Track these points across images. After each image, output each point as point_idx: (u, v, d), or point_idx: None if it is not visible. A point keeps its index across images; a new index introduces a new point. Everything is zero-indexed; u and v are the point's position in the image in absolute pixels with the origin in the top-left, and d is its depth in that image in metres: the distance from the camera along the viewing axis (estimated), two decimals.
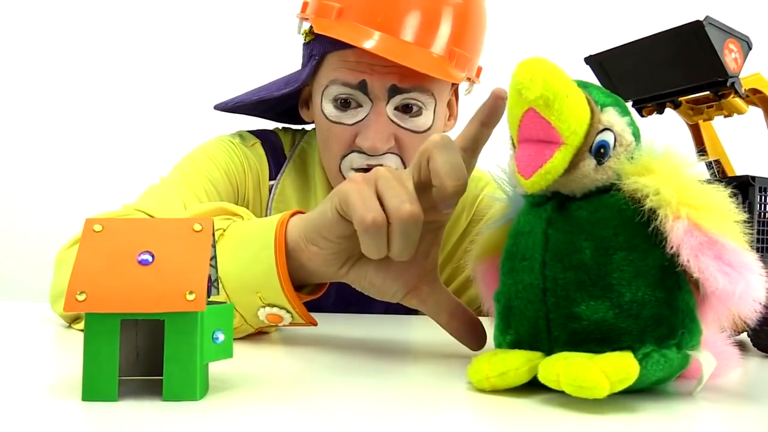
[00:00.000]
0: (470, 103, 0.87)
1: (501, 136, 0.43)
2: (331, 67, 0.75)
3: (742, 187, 0.53)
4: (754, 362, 0.53)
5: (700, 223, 0.36)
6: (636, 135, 0.41)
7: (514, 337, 0.41)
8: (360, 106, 0.74)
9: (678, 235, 0.36)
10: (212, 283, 0.43)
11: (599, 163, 0.39)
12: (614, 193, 0.40)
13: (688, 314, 0.38)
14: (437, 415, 0.35)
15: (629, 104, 0.58)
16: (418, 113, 0.74)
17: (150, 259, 0.37)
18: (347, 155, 0.76)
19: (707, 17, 0.48)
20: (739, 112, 0.54)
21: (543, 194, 0.41)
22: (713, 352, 0.40)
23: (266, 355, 0.52)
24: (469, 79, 0.80)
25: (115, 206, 0.79)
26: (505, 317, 0.42)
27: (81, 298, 0.35)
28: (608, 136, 0.40)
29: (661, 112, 0.57)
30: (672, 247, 0.36)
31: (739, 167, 0.60)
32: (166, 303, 0.35)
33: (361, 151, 0.75)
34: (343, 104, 0.74)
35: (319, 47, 0.76)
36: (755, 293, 0.36)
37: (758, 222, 0.53)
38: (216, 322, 0.38)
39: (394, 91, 0.73)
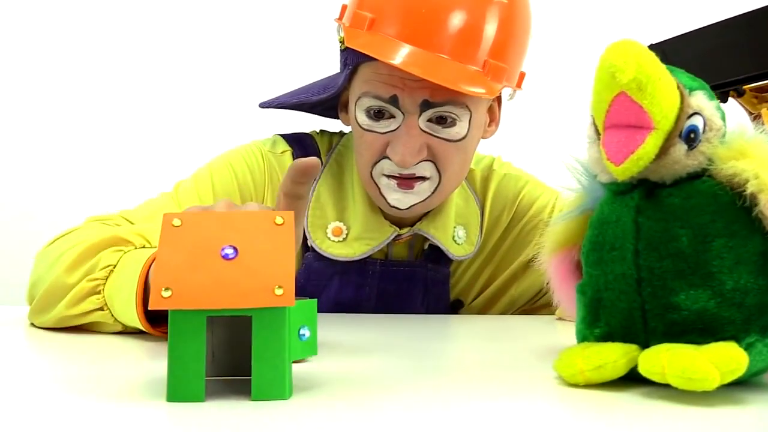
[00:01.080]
0: (512, 108, 0.86)
1: (562, 128, 0.42)
2: (363, 78, 0.74)
3: None
4: None
5: None
6: (723, 119, 0.40)
7: (605, 330, 0.40)
8: (392, 117, 0.73)
9: None
10: None
11: (690, 148, 0.38)
12: (706, 179, 0.38)
13: None
14: (532, 409, 0.34)
15: None
16: (452, 124, 0.73)
17: (233, 253, 0.36)
18: (378, 161, 0.75)
19: None
20: None
21: (628, 182, 0.40)
22: None
23: (341, 353, 0.51)
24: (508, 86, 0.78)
25: (110, 210, 0.78)
26: (594, 309, 0.41)
27: (166, 294, 0.34)
28: (698, 121, 0.38)
29: (725, 100, 0.55)
30: None
31: None
32: (255, 298, 0.34)
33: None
34: (377, 115, 0.74)
35: (353, 57, 0.74)
36: None
37: None
38: (302, 318, 0.37)
39: (426, 105, 0.71)
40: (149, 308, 0.34)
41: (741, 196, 0.37)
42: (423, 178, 0.74)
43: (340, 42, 0.77)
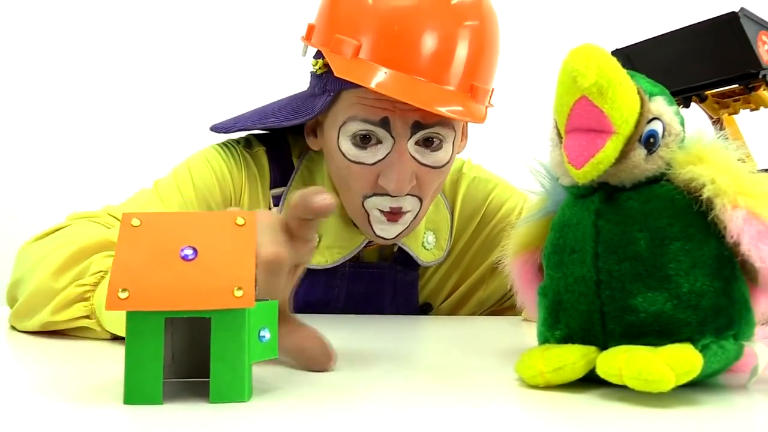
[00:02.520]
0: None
1: (528, 132, 0.42)
2: (347, 102, 0.72)
3: None
4: None
5: (758, 212, 0.36)
6: (683, 125, 0.41)
7: (565, 332, 0.40)
8: (380, 142, 0.71)
9: (738, 224, 0.36)
10: None
11: (649, 152, 0.39)
12: (664, 183, 0.39)
13: (744, 305, 0.38)
14: (492, 411, 0.34)
15: None
16: (439, 147, 0.72)
17: (193, 254, 0.35)
18: (371, 197, 0.74)
19: (742, 9, 0.48)
20: (767, 106, 0.54)
21: (589, 185, 0.40)
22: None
23: None
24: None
25: (96, 208, 0.77)
26: (554, 311, 0.41)
27: (123, 295, 0.33)
28: (657, 126, 0.39)
29: (687, 105, 0.56)
30: (732, 237, 0.36)
31: (760, 162, 0.60)
32: (214, 300, 0.34)
33: (383, 194, 0.73)
34: (363, 140, 0.72)
35: (335, 83, 0.72)
36: None
37: None
38: (262, 320, 0.36)
39: (417, 127, 0.70)
40: (106, 309, 0.33)
41: (698, 200, 0.37)
42: (407, 212, 0.74)
43: (317, 67, 0.76)
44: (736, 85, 0.53)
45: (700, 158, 0.38)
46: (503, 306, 0.90)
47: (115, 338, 0.56)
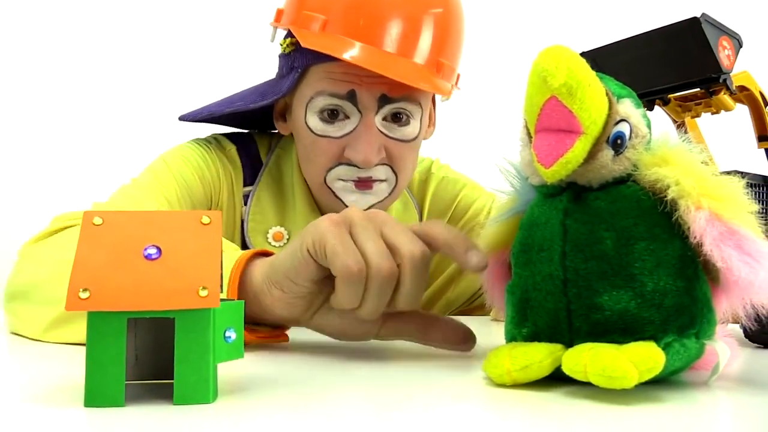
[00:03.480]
0: (449, 110, 0.86)
1: (499, 132, 0.43)
2: (315, 78, 0.72)
3: None
4: (747, 353, 0.54)
5: (720, 213, 0.37)
6: (649, 127, 0.41)
7: (532, 330, 0.40)
8: (347, 117, 0.72)
9: (701, 225, 0.36)
10: None
11: (616, 153, 0.39)
12: (631, 184, 0.40)
13: (706, 304, 0.38)
14: (459, 411, 0.34)
15: None
16: (407, 122, 0.73)
17: (156, 253, 0.34)
18: (333, 168, 0.73)
19: (703, 14, 0.49)
20: (727, 109, 0.56)
21: (557, 185, 0.41)
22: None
23: (268, 355, 0.50)
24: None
25: (85, 206, 0.74)
26: (521, 309, 0.41)
27: (84, 296, 0.32)
28: (625, 127, 0.40)
29: (651, 108, 0.57)
30: (695, 237, 0.36)
31: (721, 164, 0.61)
32: (178, 300, 0.33)
33: (349, 164, 0.73)
34: (331, 115, 0.72)
35: (302, 59, 0.73)
36: None
37: None
38: (227, 320, 0.36)
39: (384, 100, 0.71)
40: (65, 310, 0.32)
41: (663, 201, 0.38)
42: (380, 180, 0.74)
43: (284, 46, 0.76)
44: (698, 89, 0.54)
45: (666, 160, 0.39)
46: (472, 306, 0.90)
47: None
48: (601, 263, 0.38)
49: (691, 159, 0.39)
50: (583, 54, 0.57)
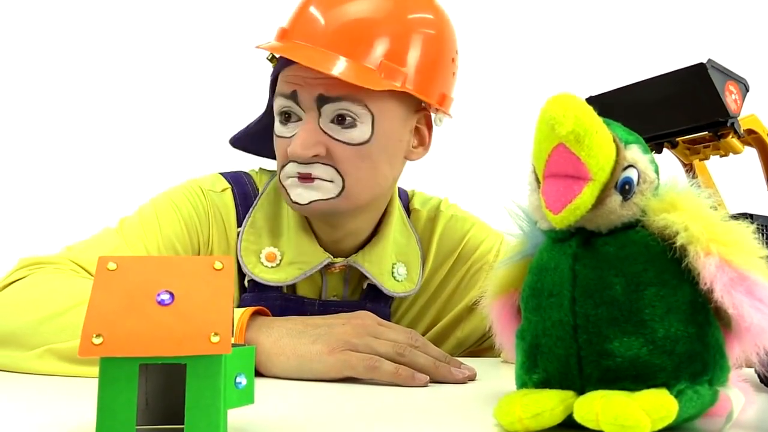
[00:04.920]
0: (460, 152, 0.87)
1: (509, 173, 0.43)
2: (279, 83, 0.77)
3: None
4: (762, 398, 0.53)
5: (729, 258, 0.37)
6: (657, 172, 0.42)
7: (543, 376, 0.40)
8: (299, 119, 0.75)
9: (711, 272, 0.36)
10: None
11: (625, 199, 0.40)
12: (640, 230, 0.40)
13: (718, 350, 0.38)
14: None
15: None
16: (352, 125, 0.73)
17: (169, 298, 0.35)
18: (284, 166, 0.76)
19: (710, 60, 0.49)
20: (735, 152, 0.56)
21: (566, 230, 0.41)
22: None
23: (278, 400, 0.50)
24: (431, 106, 0.78)
25: (56, 248, 0.76)
26: (532, 355, 0.41)
27: (97, 341, 0.33)
28: (633, 173, 0.40)
29: (659, 151, 0.58)
30: (705, 283, 0.36)
31: (731, 207, 0.61)
32: (190, 346, 0.33)
33: (294, 161, 0.75)
34: (286, 118, 0.76)
35: (275, 69, 0.78)
36: None
37: None
38: (238, 366, 0.36)
39: (322, 100, 0.72)
40: (78, 355, 0.33)
41: (672, 246, 0.38)
42: (323, 180, 0.74)
43: (271, 59, 0.80)
44: (706, 132, 0.55)
45: (674, 205, 0.39)
46: (481, 347, 0.90)
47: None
48: (611, 309, 0.38)
49: (699, 204, 0.39)
50: (590, 98, 0.58)
